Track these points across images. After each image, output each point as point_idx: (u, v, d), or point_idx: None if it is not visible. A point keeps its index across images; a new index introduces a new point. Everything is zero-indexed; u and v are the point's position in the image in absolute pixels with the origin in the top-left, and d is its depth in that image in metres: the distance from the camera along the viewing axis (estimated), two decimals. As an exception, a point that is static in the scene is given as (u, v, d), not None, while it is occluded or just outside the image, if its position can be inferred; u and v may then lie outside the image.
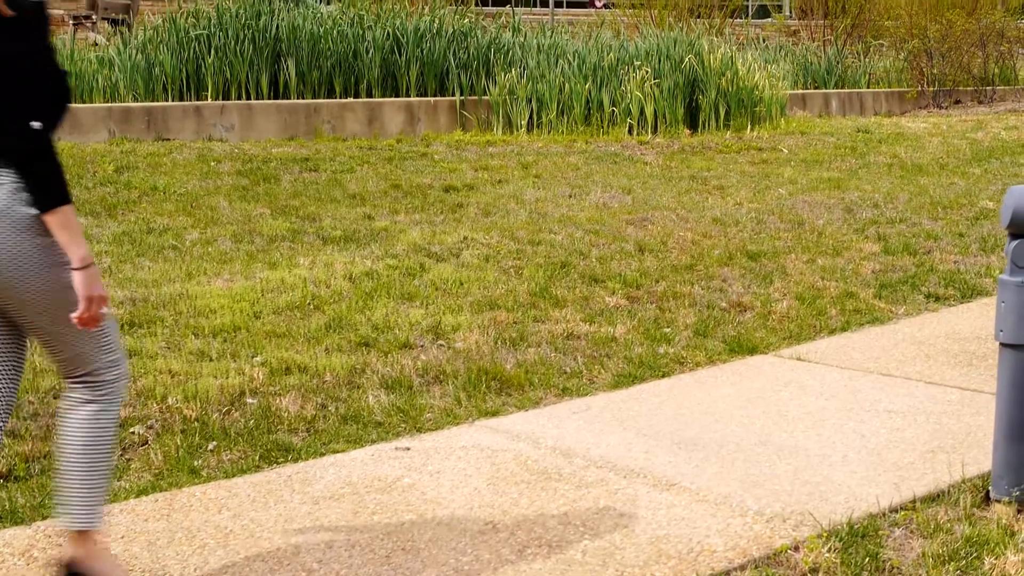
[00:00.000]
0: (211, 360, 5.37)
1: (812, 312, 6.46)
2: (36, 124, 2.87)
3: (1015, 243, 3.86)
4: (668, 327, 6.11)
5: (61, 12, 24.19)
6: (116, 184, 9.56)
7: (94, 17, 20.49)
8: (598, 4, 23.67)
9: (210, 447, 4.39)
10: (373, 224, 8.48)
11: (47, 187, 2.90)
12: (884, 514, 3.73)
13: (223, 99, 13.14)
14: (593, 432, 4.59)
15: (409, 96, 14.14)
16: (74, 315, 2.94)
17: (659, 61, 14.41)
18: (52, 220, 2.89)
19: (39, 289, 2.95)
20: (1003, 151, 13.59)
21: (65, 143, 11.17)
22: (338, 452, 4.38)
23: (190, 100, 13.05)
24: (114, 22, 20.42)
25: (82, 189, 9.25)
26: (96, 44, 16.54)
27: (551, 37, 15.70)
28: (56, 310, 2.96)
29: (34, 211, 2.87)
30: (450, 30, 14.58)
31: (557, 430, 4.62)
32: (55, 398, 4.78)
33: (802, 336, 6.06)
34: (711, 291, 6.86)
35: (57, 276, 2.93)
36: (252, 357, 5.41)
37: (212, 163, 10.68)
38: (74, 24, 20.74)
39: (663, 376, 5.38)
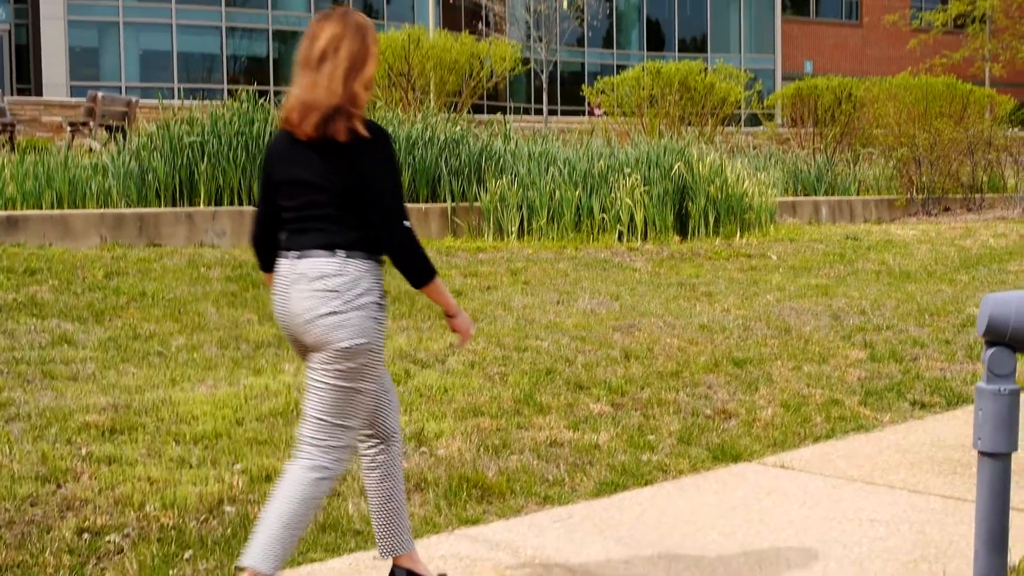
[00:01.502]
0: (191, 467, 5.34)
1: (797, 419, 6.44)
2: (406, 222, 3.72)
3: (991, 351, 3.86)
4: (652, 434, 6.09)
5: (59, 119, 24.44)
6: (105, 290, 9.58)
7: (91, 124, 20.67)
8: (598, 112, 23.96)
9: (186, 556, 4.35)
10: (360, 330, 8.47)
11: (420, 268, 3.78)
12: (864, 626, 3.69)
13: (215, 205, 13.22)
14: (573, 541, 4.55)
15: (401, 202, 14.22)
16: (456, 343, 4.19)
17: (649, 168, 14.54)
18: (428, 290, 3.85)
19: (358, 360, 3.70)
20: (991, 258, 13.66)
21: (56, 249, 11.21)
22: (316, 561, 4.34)
23: (183, 206, 13.13)
24: (111, 129, 20.61)
25: (70, 295, 9.27)
26: (92, 150, 16.68)
27: (542, 144, 15.86)
28: (357, 377, 3.70)
29: (376, 300, 3.71)
30: (442, 137, 14.72)
31: (538, 539, 4.58)
32: (32, 506, 4.75)
33: (786, 444, 6.03)
34: (696, 398, 6.85)
35: (375, 359, 3.74)
36: (232, 464, 5.38)
37: (202, 269, 10.72)
38: (71, 131, 20.94)
39: (646, 484, 5.34)
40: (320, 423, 3.68)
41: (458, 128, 15.22)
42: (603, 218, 14.19)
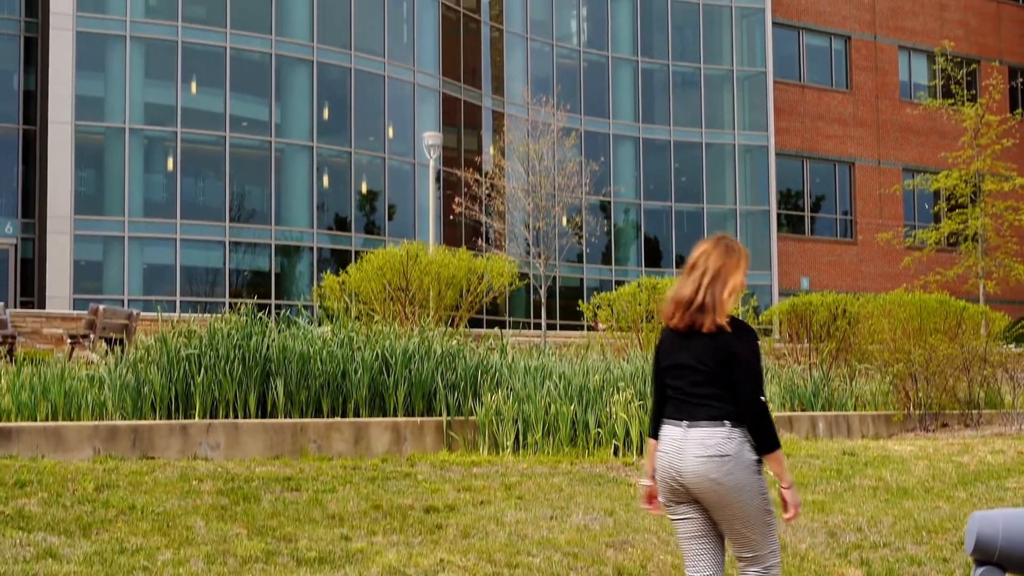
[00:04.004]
0: None
1: (791, 640, 6.31)
2: (763, 397, 4.87)
3: (980, 570, 3.83)
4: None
5: (60, 331, 24.62)
6: (94, 503, 9.50)
7: (92, 336, 20.84)
8: (600, 327, 24.17)
9: None
10: (350, 545, 8.39)
11: (770, 437, 4.95)
12: None
13: (210, 417, 13.22)
14: None
15: (396, 416, 14.23)
16: (787, 516, 5.04)
17: (644, 383, 14.58)
18: (770, 457, 4.95)
19: (751, 506, 4.93)
20: (989, 475, 13.58)
21: (48, 461, 11.17)
22: None
23: (178, 418, 13.13)
24: (110, 341, 20.76)
25: (59, 508, 9.19)
26: (91, 362, 16.77)
27: (539, 358, 15.93)
28: (753, 518, 4.96)
29: (755, 456, 4.91)
30: (439, 351, 14.81)
31: None
32: None
33: (780, 665, 5.89)
34: (689, 617, 6.72)
35: (762, 497, 4.97)
36: None
37: (194, 482, 10.65)
38: (71, 343, 21.08)
39: None
40: (745, 538, 5.01)
41: (455, 342, 15.33)
42: (598, 432, 14.16)
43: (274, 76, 37.02)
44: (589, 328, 30.54)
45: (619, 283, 36.98)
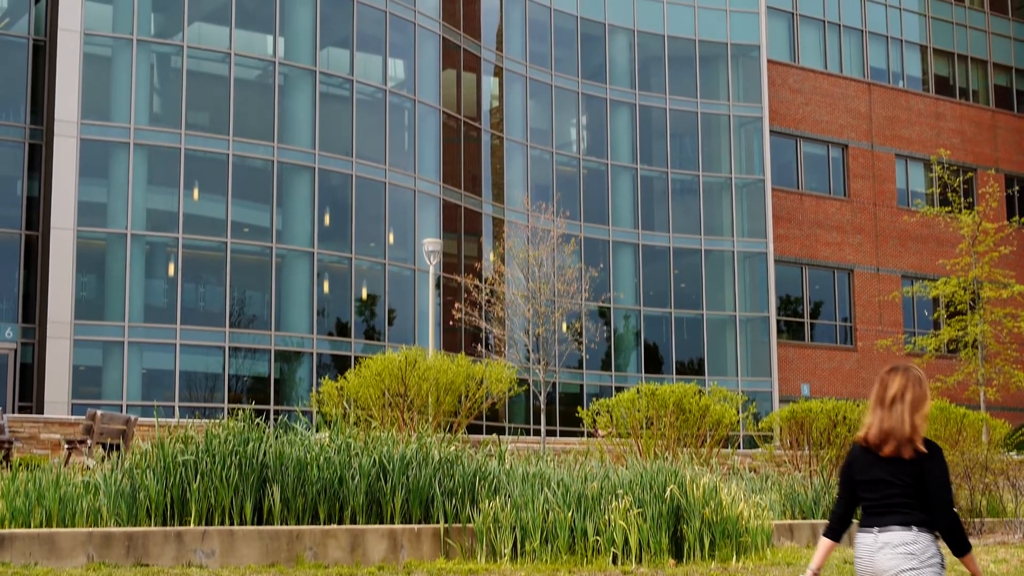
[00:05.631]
0: None
1: None
2: (954, 509, 5.70)
3: None
4: None
5: (58, 436, 24.55)
6: (86, 611, 9.40)
7: (89, 441, 20.78)
8: (600, 434, 24.10)
9: None
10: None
11: (963, 541, 5.77)
12: None
13: (206, 524, 13.12)
14: None
15: (393, 523, 14.12)
16: None
17: (642, 490, 14.50)
18: (965, 559, 5.81)
19: None
20: (992, 584, 13.43)
21: (41, 568, 11.07)
22: None
23: (173, 524, 13.03)
24: (107, 446, 20.69)
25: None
26: (88, 468, 16.69)
27: (537, 465, 15.86)
28: None
29: (940, 556, 5.70)
30: (437, 457, 14.74)
31: None
32: None
33: None
34: None
35: None
36: None
37: (187, 590, 10.54)
38: (68, 448, 21.01)
39: None
40: None
41: (453, 448, 15.27)
42: (597, 540, 14.05)
43: (276, 182, 37.34)
44: (589, 434, 30.43)
45: (619, 389, 36.91)
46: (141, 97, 36.12)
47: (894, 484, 5.79)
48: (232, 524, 13.24)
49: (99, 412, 21.09)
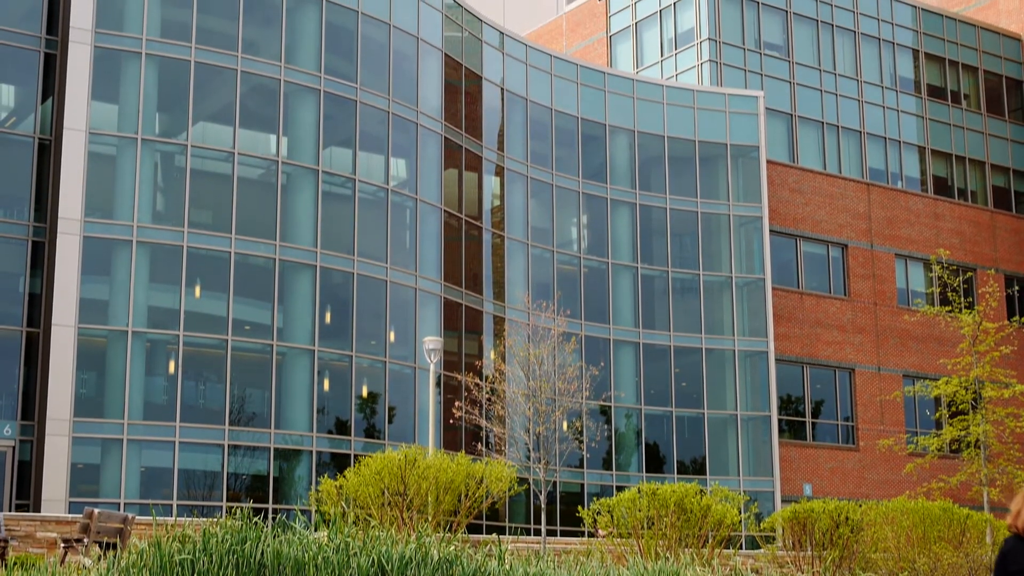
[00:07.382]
0: None
1: None
2: None
3: None
4: None
5: (55, 535, 24.34)
6: None
7: (85, 540, 20.59)
8: (601, 534, 23.91)
9: None
10: None
11: None
12: None
13: (202, 625, 12.96)
14: None
15: (391, 624, 13.95)
16: None
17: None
18: None
19: None
20: None
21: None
22: None
23: (168, 626, 12.88)
24: (104, 545, 20.50)
25: None
26: (84, 567, 16.53)
27: (537, 565, 15.71)
28: None
29: None
30: (436, 557, 14.60)
31: None
32: None
33: None
34: None
35: None
36: None
37: None
38: (65, 547, 20.81)
39: None
40: None
41: (452, 548, 15.13)
42: (598, 642, 13.88)
43: (277, 280, 37.45)
44: (589, 534, 30.18)
45: (620, 488, 36.68)
46: (144, 195, 36.36)
47: None
48: (228, 625, 13.08)
49: (96, 510, 20.93)
